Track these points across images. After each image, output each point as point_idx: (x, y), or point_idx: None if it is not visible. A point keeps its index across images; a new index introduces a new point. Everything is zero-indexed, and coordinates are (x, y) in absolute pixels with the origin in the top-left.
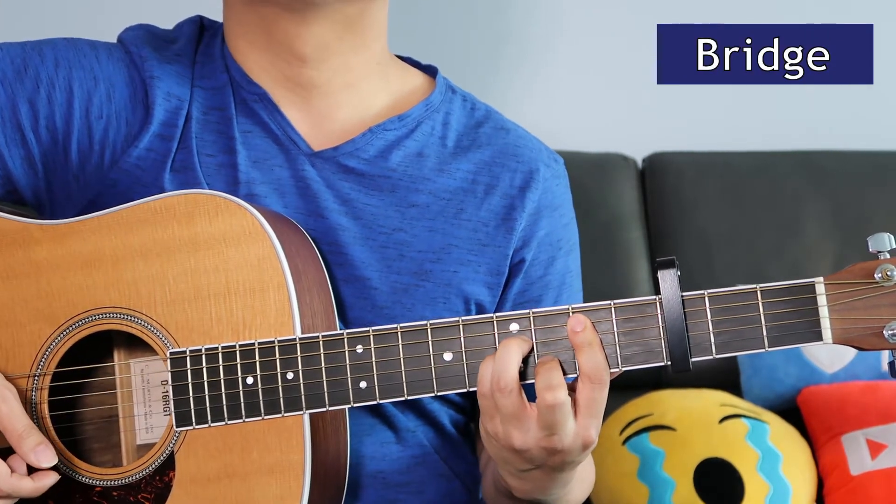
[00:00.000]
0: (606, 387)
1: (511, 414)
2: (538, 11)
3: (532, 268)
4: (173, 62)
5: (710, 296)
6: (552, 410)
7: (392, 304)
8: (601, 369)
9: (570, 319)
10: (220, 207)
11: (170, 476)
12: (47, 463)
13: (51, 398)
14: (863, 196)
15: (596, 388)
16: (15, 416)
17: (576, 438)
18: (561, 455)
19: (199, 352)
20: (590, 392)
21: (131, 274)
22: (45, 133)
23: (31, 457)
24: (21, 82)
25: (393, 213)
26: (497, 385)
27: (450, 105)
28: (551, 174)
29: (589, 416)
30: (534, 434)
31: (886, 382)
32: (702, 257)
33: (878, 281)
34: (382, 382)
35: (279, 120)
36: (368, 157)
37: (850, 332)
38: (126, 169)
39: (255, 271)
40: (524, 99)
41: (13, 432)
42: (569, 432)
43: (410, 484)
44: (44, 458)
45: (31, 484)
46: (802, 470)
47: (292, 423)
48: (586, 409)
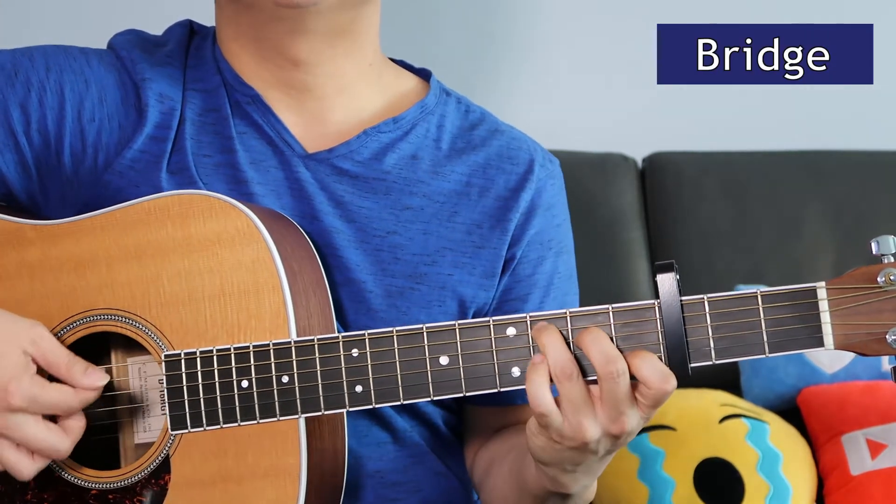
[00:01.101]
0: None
1: (582, 400)
2: (538, 11)
3: (520, 265)
4: (164, 64)
5: (710, 300)
6: (616, 383)
7: (387, 308)
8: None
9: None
10: (215, 208)
11: (165, 479)
12: (101, 382)
13: None
14: (863, 196)
15: (670, 391)
16: (57, 350)
17: (642, 419)
18: (625, 437)
19: (193, 354)
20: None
21: (125, 275)
22: (38, 137)
23: (84, 381)
24: (12, 87)
25: (387, 216)
26: (563, 374)
27: (444, 107)
28: (546, 174)
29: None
30: (602, 418)
31: (886, 382)
32: (702, 257)
33: (881, 285)
34: (378, 386)
35: (272, 122)
36: (362, 159)
37: (852, 338)
38: (120, 171)
39: (249, 273)
40: (524, 99)
41: (59, 365)
42: (634, 412)
43: (408, 483)
44: (98, 379)
45: (94, 393)
46: (802, 470)
47: (287, 426)
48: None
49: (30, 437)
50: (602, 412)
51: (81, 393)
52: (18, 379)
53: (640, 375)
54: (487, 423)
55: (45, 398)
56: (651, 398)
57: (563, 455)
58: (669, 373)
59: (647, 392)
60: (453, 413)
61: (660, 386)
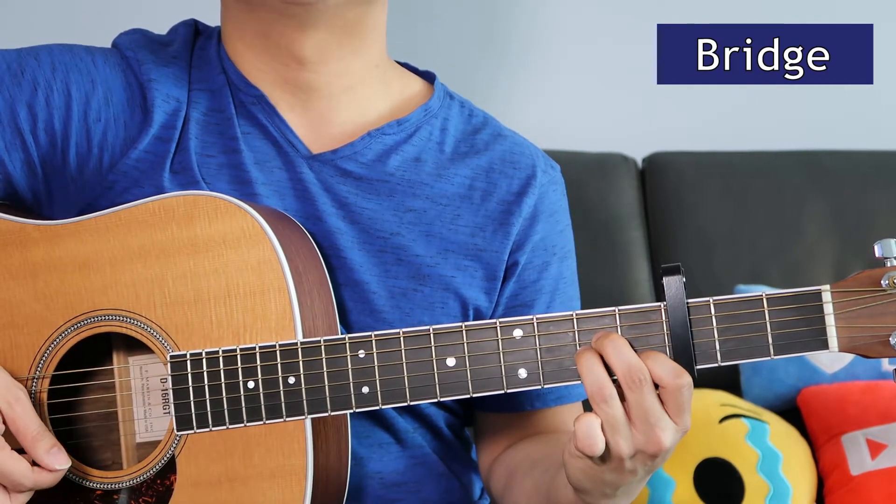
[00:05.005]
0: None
1: (622, 421)
2: (539, 12)
3: (525, 271)
4: (170, 64)
5: (716, 303)
6: (643, 394)
7: (391, 309)
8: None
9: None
10: (220, 209)
11: (171, 479)
12: (60, 466)
13: (50, 401)
14: (863, 196)
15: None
16: (28, 418)
17: (675, 432)
18: (662, 455)
19: (199, 355)
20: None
21: (130, 276)
22: (44, 136)
23: (45, 459)
24: (19, 86)
25: (390, 218)
26: (601, 397)
27: (448, 111)
28: (548, 180)
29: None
30: (637, 434)
31: (886, 382)
32: (702, 257)
33: (884, 288)
34: (385, 387)
35: (277, 122)
36: (366, 160)
37: (856, 341)
38: (124, 171)
39: (255, 274)
40: (525, 99)
41: (27, 435)
42: (668, 423)
43: (409, 484)
44: (57, 461)
45: (51, 476)
46: (802, 470)
47: (294, 427)
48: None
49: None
50: (636, 428)
51: (38, 474)
52: None
53: (653, 376)
54: (498, 429)
55: (1, 463)
56: (671, 400)
57: (604, 477)
58: (681, 369)
59: (664, 394)
60: (455, 415)
61: (673, 381)
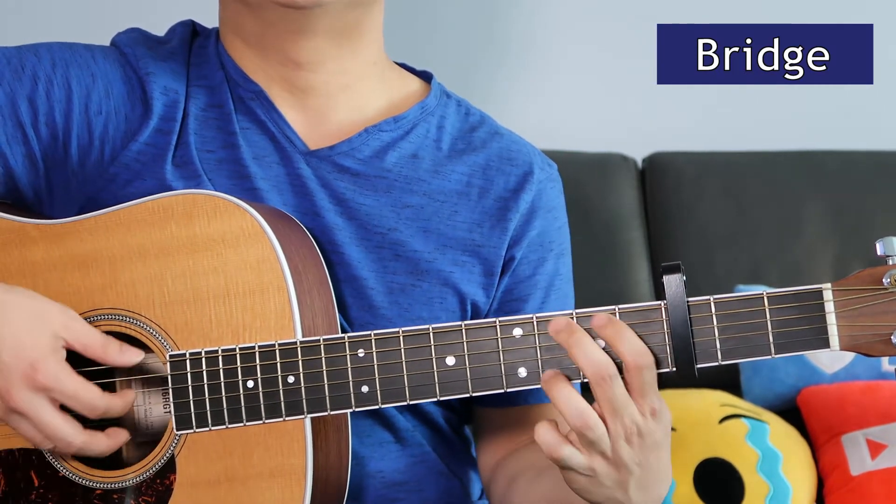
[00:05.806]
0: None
1: (627, 399)
2: (538, 12)
3: (521, 266)
4: (168, 59)
5: (716, 301)
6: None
7: (389, 304)
8: (642, 352)
9: (594, 319)
10: (219, 208)
11: (171, 479)
12: (137, 358)
13: None
14: (863, 196)
15: (645, 371)
16: (91, 332)
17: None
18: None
19: (198, 354)
20: (639, 376)
21: (129, 275)
22: (45, 130)
23: (122, 358)
24: (19, 80)
25: (388, 214)
26: (607, 373)
27: (444, 109)
28: (546, 177)
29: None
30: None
31: (886, 382)
32: (702, 257)
33: (886, 287)
34: (384, 387)
35: (275, 118)
36: (364, 157)
37: (857, 339)
38: (126, 163)
39: (254, 273)
40: (524, 99)
41: (95, 346)
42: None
43: (409, 482)
44: (132, 355)
45: (106, 440)
46: (802, 470)
47: (293, 426)
48: (639, 392)
49: (45, 422)
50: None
51: (111, 397)
52: (46, 358)
53: (617, 352)
54: (497, 426)
55: (69, 383)
56: (632, 381)
57: (609, 481)
58: (644, 349)
59: (626, 374)
60: (455, 413)
61: (632, 360)
